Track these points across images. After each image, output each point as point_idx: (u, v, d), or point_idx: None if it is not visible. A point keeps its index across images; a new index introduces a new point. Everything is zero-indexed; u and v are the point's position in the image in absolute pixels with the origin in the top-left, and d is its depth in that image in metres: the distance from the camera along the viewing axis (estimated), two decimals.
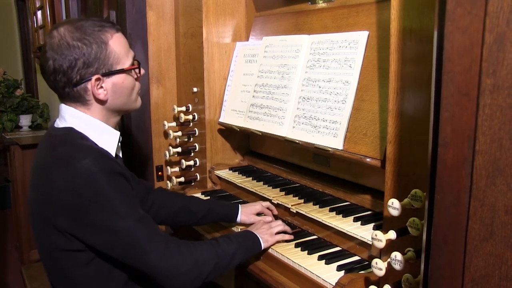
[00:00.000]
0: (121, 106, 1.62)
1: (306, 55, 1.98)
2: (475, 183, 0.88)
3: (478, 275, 0.90)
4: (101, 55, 1.50)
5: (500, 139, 0.83)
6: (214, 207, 1.99)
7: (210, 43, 2.38)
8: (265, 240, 1.73)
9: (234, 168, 2.45)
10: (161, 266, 1.44)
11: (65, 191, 1.39)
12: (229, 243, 1.62)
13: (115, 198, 1.41)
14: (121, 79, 1.57)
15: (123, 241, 1.43)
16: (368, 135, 1.63)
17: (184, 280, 1.47)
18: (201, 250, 1.53)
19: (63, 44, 1.47)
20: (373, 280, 1.44)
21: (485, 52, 0.83)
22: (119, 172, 1.47)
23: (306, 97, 1.92)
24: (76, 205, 1.39)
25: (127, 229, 1.42)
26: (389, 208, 1.24)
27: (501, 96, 0.82)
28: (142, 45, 2.58)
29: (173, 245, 1.48)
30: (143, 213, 1.49)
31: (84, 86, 1.52)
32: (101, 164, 1.42)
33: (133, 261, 1.46)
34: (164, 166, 2.73)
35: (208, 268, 1.51)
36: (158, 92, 2.67)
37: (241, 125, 2.24)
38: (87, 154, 1.43)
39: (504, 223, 0.85)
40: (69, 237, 1.44)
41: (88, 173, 1.38)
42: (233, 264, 1.61)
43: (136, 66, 1.63)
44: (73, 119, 1.55)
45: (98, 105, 1.57)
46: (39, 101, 5.41)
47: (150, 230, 1.46)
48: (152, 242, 1.44)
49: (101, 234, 1.42)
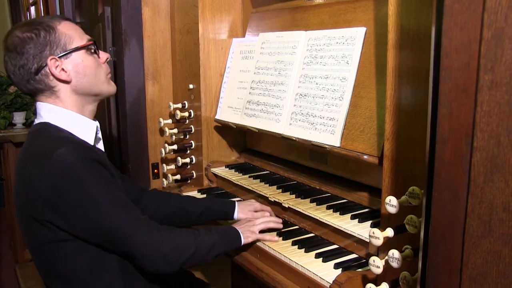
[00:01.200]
0: (90, 87, 1.64)
1: (303, 51, 1.98)
2: (473, 180, 0.88)
3: (475, 272, 0.91)
4: (51, 38, 1.55)
5: (498, 135, 0.83)
6: (211, 205, 1.99)
7: (206, 40, 2.38)
8: (245, 237, 1.76)
9: (230, 166, 2.45)
10: (142, 247, 1.48)
11: (42, 182, 1.42)
12: (210, 234, 1.65)
13: (92, 185, 1.43)
14: (79, 58, 1.60)
15: (103, 227, 1.45)
16: (366, 132, 1.63)
17: (163, 262, 1.51)
18: (182, 236, 1.57)
19: (15, 41, 1.54)
20: (370, 278, 1.44)
21: (483, 48, 0.83)
22: (96, 159, 1.49)
23: (303, 94, 1.92)
24: (54, 195, 1.42)
25: (107, 215, 1.44)
26: (387, 206, 1.24)
27: (499, 92, 0.82)
28: (138, 41, 2.57)
29: (154, 229, 1.52)
30: (123, 197, 1.52)
31: (44, 71, 1.55)
32: (77, 152, 1.44)
33: (116, 246, 1.49)
34: (160, 164, 2.73)
35: (187, 254, 1.55)
36: (153, 89, 2.66)
37: (238, 122, 2.24)
38: (62, 143, 1.45)
39: (502, 220, 0.85)
40: (52, 228, 1.46)
41: (64, 162, 1.41)
42: (211, 255, 1.63)
43: (91, 42, 1.65)
44: (49, 114, 1.58)
45: (66, 89, 1.59)
46: None
47: (130, 214, 1.50)
48: (132, 226, 1.47)
49: (82, 222, 1.45)
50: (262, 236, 1.79)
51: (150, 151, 2.70)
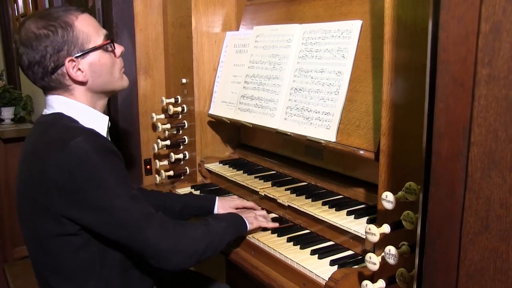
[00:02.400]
0: (105, 86, 1.65)
1: (298, 45, 1.98)
2: (470, 175, 0.88)
3: (473, 268, 0.91)
4: (69, 37, 1.54)
5: (496, 130, 0.83)
6: (190, 201, 2.01)
7: (199, 33, 2.37)
8: (250, 222, 1.78)
9: (224, 161, 2.44)
10: (158, 244, 1.46)
11: (58, 171, 1.41)
12: (219, 221, 1.66)
13: (109, 176, 1.43)
14: (96, 57, 1.60)
15: (119, 220, 1.44)
16: (362, 127, 1.63)
17: (181, 258, 1.50)
18: (195, 228, 1.57)
19: (30, 37, 1.51)
20: (366, 275, 1.45)
21: (481, 42, 0.83)
22: (113, 150, 1.50)
23: (298, 88, 1.92)
24: (70, 184, 1.41)
25: (123, 208, 1.44)
26: (383, 202, 1.25)
27: (496, 86, 0.82)
28: (129, 35, 2.55)
29: (169, 225, 1.51)
30: (136, 192, 1.51)
31: (61, 71, 1.55)
32: (95, 142, 1.45)
33: (130, 241, 1.48)
34: (152, 160, 2.72)
35: (202, 246, 1.55)
36: (146, 83, 2.65)
37: (232, 117, 2.24)
38: (80, 133, 1.45)
39: (499, 216, 0.86)
40: (62, 220, 1.45)
41: (81, 152, 1.41)
42: (224, 243, 1.64)
43: (109, 41, 1.65)
44: (61, 106, 1.59)
45: (81, 88, 1.60)
46: (21, 93, 5.34)
47: (145, 209, 1.49)
48: (148, 220, 1.46)
49: (97, 213, 1.44)
50: (266, 223, 1.82)
51: (143, 146, 2.70)
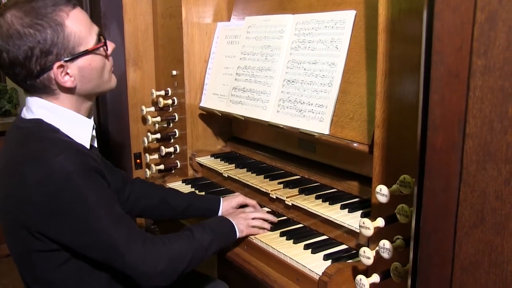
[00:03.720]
0: (93, 90, 1.56)
1: (290, 36, 1.97)
2: (465, 168, 0.88)
3: (467, 262, 0.91)
4: (59, 39, 1.41)
5: (491, 122, 0.83)
6: (195, 201, 1.97)
7: (189, 24, 2.36)
8: (240, 230, 1.74)
9: (216, 155, 2.44)
10: (139, 266, 1.44)
11: (38, 191, 1.35)
12: (204, 233, 1.61)
13: (91, 198, 1.38)
14: (87, 61, 1.49)
15: (99, 242, 1.41)
16: (356, 119, 1.63)
17: (161, 278, 1.48)
18: (177, 245, 1.53)
19: (13, 34, 1.36)
20: (361, 269, 1.45)
21: (477, 32, 0.83)
22: (95, 168, 1.43)
23: (290, 80, 1.91)
24: (50, 206, 1.36)
25: (104, 230, 1.40)
26: (377, 195, 1.25)
27: (492, 77, 0.82)
28: (118, 25, 2.53)
29: (149, 244, 1.47)
30: (119, 211, 1.47)
31: (47, 76, 1.44)
32: (76, 161, 1.37)
33: (111, 261, 1.45)
34: (142, 154, 2.71)
35: (184, 262, 1.52)
36: (135, 75, 2.64)
37: (223, 109, 2.23)
38: (61, 150, 1.37)
39: (495, 209, 0.86)
40: (43, 239, 1.42)
41: (62, 172, 1.34)
42: (208, 255, 1.61)
43: (102, 44, 1.53)
44: (41, 110, 1.48)
45: (66, 92, 1.50)
46: (6, 85, 5.29)
47: (126, 230, 1.45)
48: (129, 242, 1.43)
49: (77, 236, 1.40)
50: (257, 231, 1.78)
51: (132, 140, 2.69)
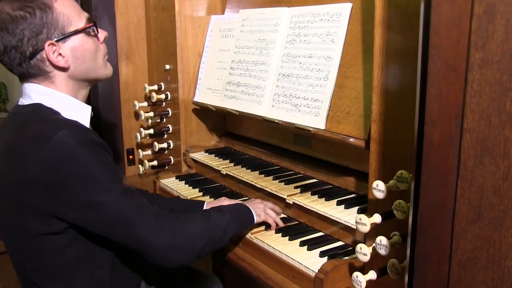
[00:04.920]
0: (88, 73, 1.59)
1: (285, 29, 1.97)
2: (463, 163, 0.88)
3: (465, 258, 0.92)
4: (48, 19, 1.47)
5: (489, 116, 0.84)
6: (176, 207, 1.95)
7: (183, 17, 2.35)
8: (257, 214, 1.74)
9: (210, 151, 2.44)
10: (152, 240, 1.42)
11: (42, 168, 1.36)
12: (221, 215, 1.61)
13: (97, 170, 1.39)
14: (79, 41, 1.54)
15: (109, 216, 1.41)
16: (352, 114, 1.63)
17: (178, 254, 1.46)
18: (193, 222, 1.53)
19: (5, 19, 1.44)
20: (357, 266, 1.46)
21: (474, 24, 0.83)
22: (99, 142, 1.45)
23: (286, 74, 1.91)
24: (56, 182, 1.36)
25: (112, 203, 1.40)
26: (374, 191, 1.25)
27: (490, 71, 0.82)
28: (109, 18, 2.52)
29: (163, 218, 1.47)
30: (126, 185, 1.48)
31: (40, 57, 1.49)
32: (79, 135, 1.40)
33: (121, 237, 1.44)
34: (135, 149, 2.70)
35: (202, 241, 1.51)
36: (127, 69, 2.63)
37: (217, 104, 2.22)
38: (62, 126, 1.40)
39: (492, 204, 0.86)
40: (48, 219, 1.42)
41: (65, 146, 1.36)
42: (227, 237, 1.61)
43: (91, 24, 1.59)
44: (40, 96, 1.52)
45: (62, 75, 1.54)
46: None
47: (136, 202, 1.45)
48: (140, 215, 1.43)
49: (85, 210, 1.40)
50: (272, 220, 1.78)
51: (125, 136, 2.68)
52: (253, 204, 1.78)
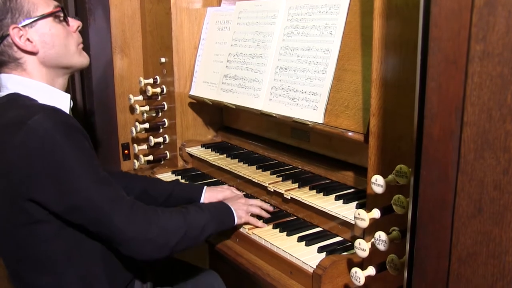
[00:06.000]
0: (59, 59, 1.59)
1: (283, 21, 1.96)
2: (463, 157, 0.88)
3: (465, 253, 0.92)
4: (12, 5, 1.49)
5: (490, 109, 0.84)
6: (176, 190, 1.96)
7: (178, 9, 2.34)
8: (239, 216, 1.74)
9: (206, 145, 2.43)
10: (125, 230, 1.43)
11: (17, 153, 1.36)
12: (201, 213, 1.62)
13: (72, 156, 1.39)
14: (46, 26, 1.55)
15: (83, 204, 1.41)
16: (350, 107, 1.63)
17: (151, 247, 1.47)
18: (170, 216, 1.53)
19: None
20: (356, 262, 1.46)
21: (475, 17, 0.82)
22: (76, 127, 1.45)
23: (283, 67, 1.91)
24: (30, 166, 1.36)
25: (87, 191, 1.40)
26: (373, 185, 1.25)
27: (491, 63, 0.82)
28: (103, 10, 2.51)
29: (139, 210, 1.47)
30: (104, 174, 1.47)
31: (7, 42, 1.50)
32: (55, 118, 1.39)
33: (96, 226, 1.45)
34: (130, 144, 2.70)
35: (177, 236, 1.51)
36: (122, 63, 2.62)
37: (214, 98, 2.22)
38: (39, 110, 1.40)
39: (493, 199, 0.86)
40: (26, 206, 1.41)
41: (41, 129, 1.36)
42: (204, 235, 1.61)
43: (58, 9, 1.59)
44: (17, 86, 1.53)
45: (32, 61, 1.54)
46: None
47: (112, 192, 1.45)
48: (115, 205, 1.43)
49: (59, 197, 1.40)
50: (254, 221, 1.78)
51: (120, 130, 2.67)
52: (236, 204, 1.78)
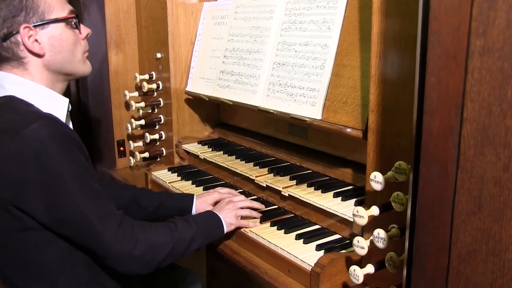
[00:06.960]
0: (64, 65, 1.58)
1: (281, 16, 1.96)
2: (463, 153, 0.88)
3: (465, 251, 0.92)
4: (28, 3, 1.48)
5: (490, 105, 0.84)
6: (166, 201, 1.95)
7: (174, 4, 2.33)
8: (228, 224, 1.73)
9: (203, 142, 2.43)
10: (113, 246, 1.43)
11: (9, 163, 1.36)
12: (188, 227, 1.61)
13: (65, 168, 1.38)
14: (57, 31, 1.54)
15: (72, 218, 1.41)
16: (349, 103, 1.63)
17: (137, 264, 1.47)
18: (156, 232, 1.53)
19: None
20: (354, 260, 1.46)
21: (475, 11, 0.82)
22: (72, 138, 1.44)
23: (281, 63, 1.91)
24: (22, 176, 1.36)
25: (77, 205, 1.40)
26: (372, 182, 1.25)
27: (491, 58, 0.82)
28: (98, 5, 2.50)
29: (127, 226, 1.48)
30: (96, 187, 1.47)
31: (15, 39, 1.49)
32: (51, 128, 1.38)
33: (82, 239, 1.45)
34: (126, 141, 2.70)
35: (163, 252, 1.52)
36: (117, 58, 2.61)
37: (211, 94, 2.22)
38: (34, 119, 1.38)
39: (493, 196, 0.86)
40: (17, 214, 1.41)
41: (36, 141, 1.35)
42: (191, 249, 1.61)
43: (73, 15, 1.59)
44: (14, 86, 1.51)
45: (36, 63, 1.53)
46: None
47: (102, 207, 1.45)
48: (104, 221, 1.43)
49: (49, 209, 1.39)
50: (246, 223, 1.77)
51: (115, 127, 2.67)
52: (223, 212, 1.76)
